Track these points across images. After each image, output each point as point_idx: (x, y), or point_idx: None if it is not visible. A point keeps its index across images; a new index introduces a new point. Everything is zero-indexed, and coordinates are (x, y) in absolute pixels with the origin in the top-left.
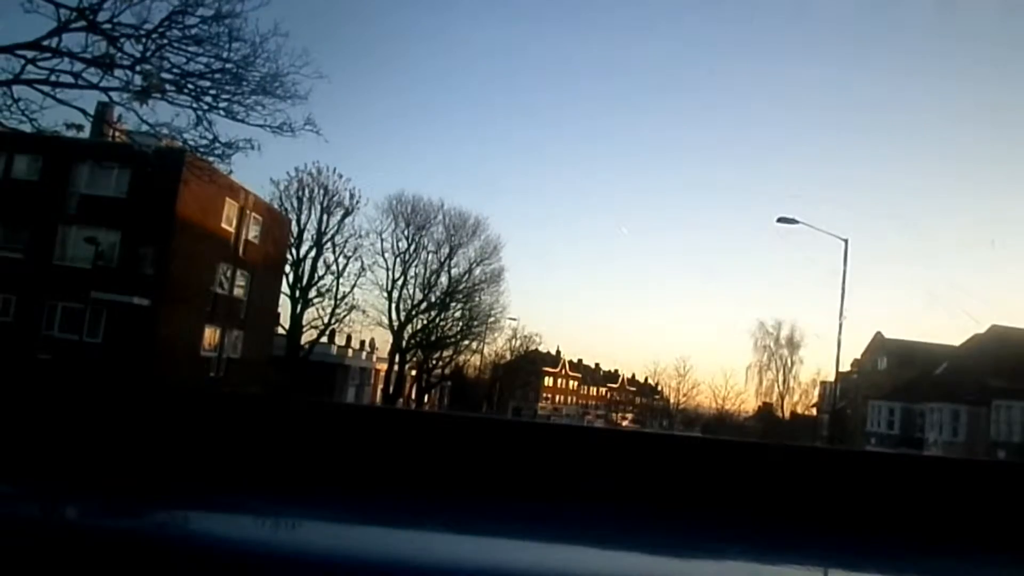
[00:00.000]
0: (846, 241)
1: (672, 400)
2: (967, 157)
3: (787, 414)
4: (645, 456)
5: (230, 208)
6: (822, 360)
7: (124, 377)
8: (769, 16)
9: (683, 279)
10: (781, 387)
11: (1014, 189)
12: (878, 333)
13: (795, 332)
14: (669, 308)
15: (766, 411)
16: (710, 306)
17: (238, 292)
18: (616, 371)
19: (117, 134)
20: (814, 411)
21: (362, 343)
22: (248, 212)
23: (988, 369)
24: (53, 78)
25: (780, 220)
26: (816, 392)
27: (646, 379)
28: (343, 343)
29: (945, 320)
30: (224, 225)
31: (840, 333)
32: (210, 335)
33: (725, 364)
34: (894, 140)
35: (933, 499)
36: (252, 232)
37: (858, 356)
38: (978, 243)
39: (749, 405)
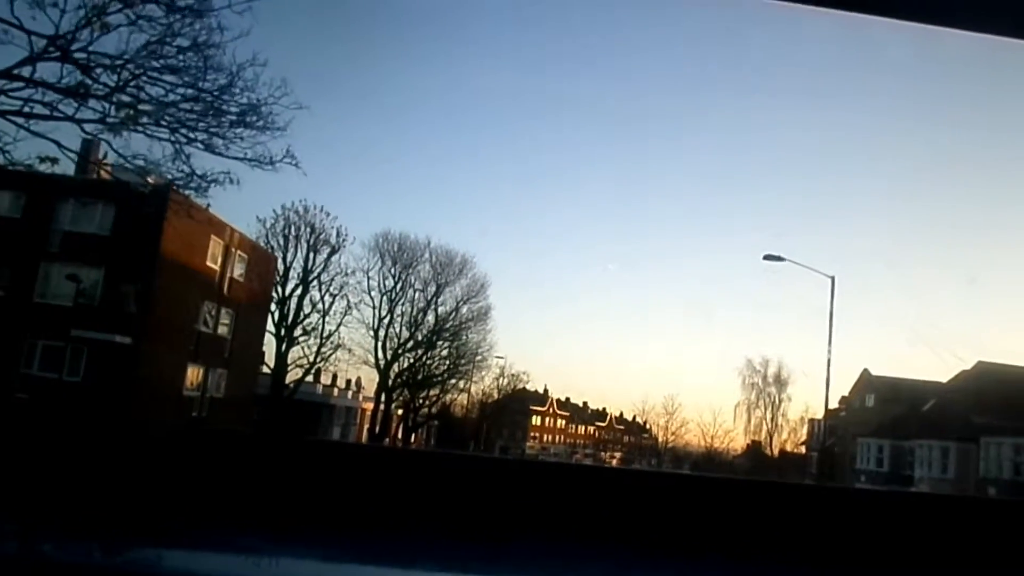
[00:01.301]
0: (832, 278)
1: (660, 438)
2: (949, 194)
3: (776, 452)
4: (635, 494)
5: (215, 246)
6: (811, 397)
7: (103, 417)
8: (755, 55)
9: (671, 316)
10: (770, 425)
11: (996, 225)
12: (865, 370)
13: (782, 370)
14: (657, 346)
15: (755, 448)
16: (698, 344)
17: (222, 330)
18: (604, 409)
19: (102, 171)
20: (803, 449)
21: (348, 382)
22: (233, 250)
23: (975, 406)
24: (27, 109)
25: (766, 258)
26: (805, 430)
27: (634, 417)
28: (329, 382)
29: (931, 357)
30: (209, 263)
31: (829, 370)
32: (193, 374)
33: (714, 402)
34: (877, 179)
35: (926, 536)
36: (237, 270)
37: (846, 393)
38: (961, 280)
39: (738, 443)
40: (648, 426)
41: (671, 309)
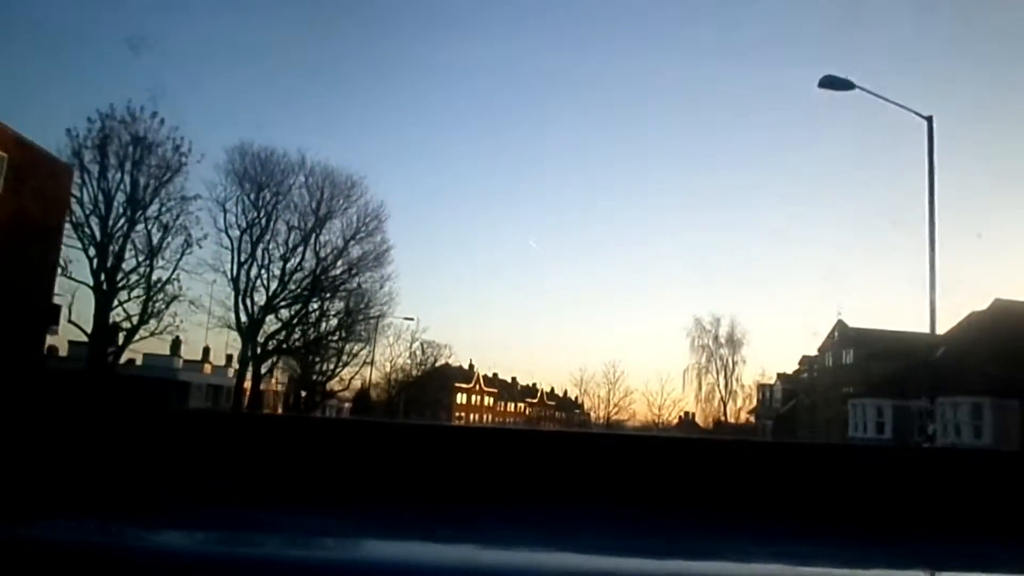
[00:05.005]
0: (930, 119)
1: (601, 411)
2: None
3: (711, 423)
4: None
5: None
6: (766, 360)
7: None
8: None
9: (609, 275)
10: (722, 391)
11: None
12: (840, 322)
13: (735, 328)
14: (595, 310)
15: (688, 420)
16: (642, 303)
17: None
18: (535, 385)
19: None
20: (752, 418)
21: (230, 357)
22: None
23: (1006, 351)
24: None
25: (824, 83)
26: (756, 396)
27: (565, 392)
28: (200, 357)
29: (913, 305)
30: None
31: (933, 275)
32: None
33: (662, 368)
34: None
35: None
36: None
37: (808, 353)
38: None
39: (692, 413)
40: (581, 401)
41: (610, 266)
